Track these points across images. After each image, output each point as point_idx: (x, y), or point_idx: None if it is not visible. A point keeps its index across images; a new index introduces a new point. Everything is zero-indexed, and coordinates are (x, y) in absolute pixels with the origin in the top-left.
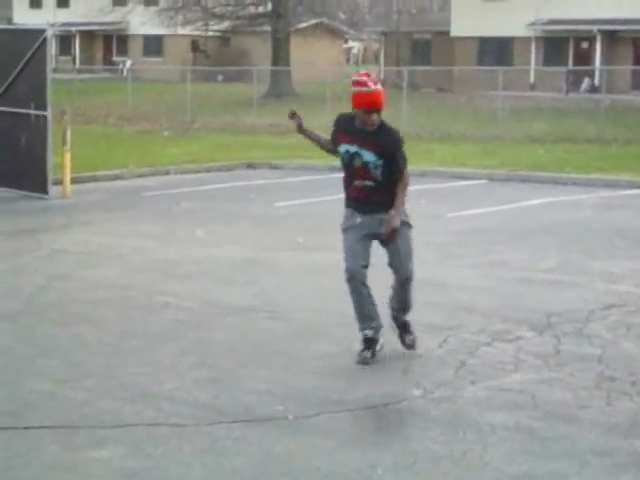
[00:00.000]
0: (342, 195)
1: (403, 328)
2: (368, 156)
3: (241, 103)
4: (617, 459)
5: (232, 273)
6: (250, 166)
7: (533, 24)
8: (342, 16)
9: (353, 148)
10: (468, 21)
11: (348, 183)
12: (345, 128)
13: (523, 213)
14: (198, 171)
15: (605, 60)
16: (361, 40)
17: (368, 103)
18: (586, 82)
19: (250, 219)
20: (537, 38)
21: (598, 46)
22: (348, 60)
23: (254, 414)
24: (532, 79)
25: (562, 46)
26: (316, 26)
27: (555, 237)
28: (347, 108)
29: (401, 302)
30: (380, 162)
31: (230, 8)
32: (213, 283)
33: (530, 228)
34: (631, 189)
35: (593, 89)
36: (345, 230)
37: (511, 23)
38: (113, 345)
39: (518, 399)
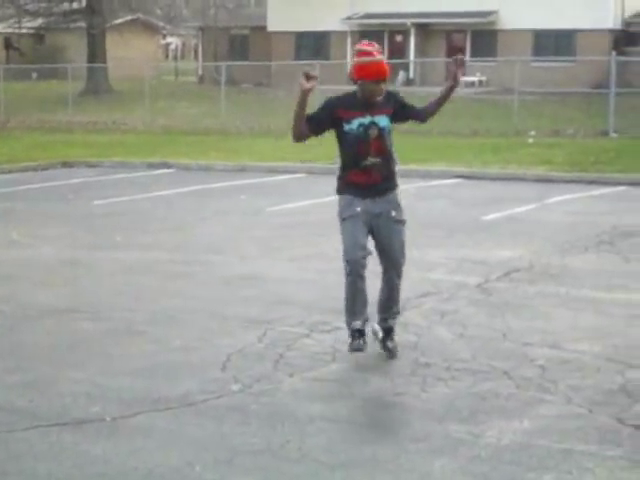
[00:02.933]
0: (163, 192)
1: (387, 333)
2: (383, 121)
3: (57, 101)
4: (432, 444)
5: (49, 274)
6: (66, 165)
7: (349, 18)
8: (159, 12)
9: (367, 119)
10: (284, 16)
11: (354, 165)
12: (349, 105)
13: None
14: (12, 171)
15: (419, 53)
16: (179, 35)
17: (377, 73)
18: (401, 75)
19: (68, 219)
20: (353, 32)
21: (412, 39)
22: (167, 56)
23: (70, 417)
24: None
25: (377, 39)
26: (132, 22)
27: None
28: (165, 104)
29: (390, 297)
30: (390, 125)
31: (44, 5)
32: (29, 285)
33: None
34: (445, 179)
35: (408, 81)
36: (345, 220)
37: (327, 17)
38: None
39: (336, 389)
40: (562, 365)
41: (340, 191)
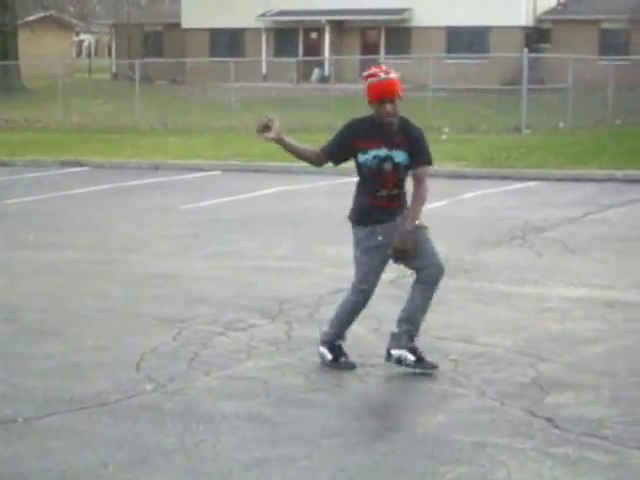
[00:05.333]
0: (76, 191)
1: (420, 358)
2: (399, 156)
3: None
4: (347, 440)
5: None
6: None
7: (263, 15)
8: (71, 9)
9: (382, 152)
10: (199, 13)
11: (369, 194)
12: (366, 133)
13: (257, 203)
14: None
15: (334, 50)
16: (92, 33)
17: (380, 92)
18: (316, 72)
19: None
20: (267, 29)
21: (327, 36)
22: (79, 53)
23: None
24: (264, 70)
25: (292, 37)
26: (45, 19)
27: (288, 225)
28: (78, 102)
29: (417, 311)
30: (407, 160)
31: None
32: None
33: (264, 217)
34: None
35: (323, 79)
36: (366, 250)
37: (241, 14)
38: None
39: (250, 387)
40: (475, 359)
41: (358, 221)
